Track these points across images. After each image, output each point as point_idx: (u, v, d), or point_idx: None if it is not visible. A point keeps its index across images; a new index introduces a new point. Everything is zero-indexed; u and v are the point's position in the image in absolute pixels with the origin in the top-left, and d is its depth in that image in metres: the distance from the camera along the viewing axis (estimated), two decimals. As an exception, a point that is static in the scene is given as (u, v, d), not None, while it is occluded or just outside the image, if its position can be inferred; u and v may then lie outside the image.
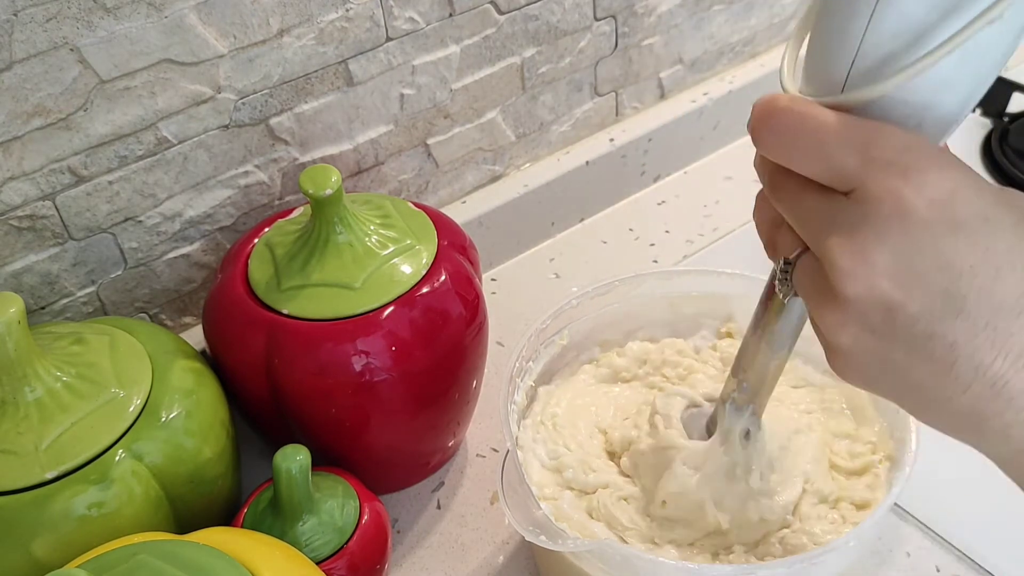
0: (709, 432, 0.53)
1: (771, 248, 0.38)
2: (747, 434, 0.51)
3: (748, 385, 0.49)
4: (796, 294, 0.36)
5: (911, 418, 0.51)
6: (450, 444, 0.65)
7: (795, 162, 0.33)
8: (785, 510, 0.52)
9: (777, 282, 0.38)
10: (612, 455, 0.57)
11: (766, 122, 0.33)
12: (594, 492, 0.55)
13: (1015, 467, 0.32)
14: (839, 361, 0.34)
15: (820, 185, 0.33)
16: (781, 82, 0.37)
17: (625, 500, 0.54)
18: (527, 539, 0.48)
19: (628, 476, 0.55)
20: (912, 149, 0.31)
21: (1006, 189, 0.32)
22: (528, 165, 0.83)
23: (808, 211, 0.33)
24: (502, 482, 0.51)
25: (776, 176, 0.35)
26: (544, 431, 0.58)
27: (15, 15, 0.52)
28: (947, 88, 0.33)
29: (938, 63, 0.31)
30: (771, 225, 0.37)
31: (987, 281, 0.30)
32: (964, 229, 0.30)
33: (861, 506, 0.53)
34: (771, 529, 0.52)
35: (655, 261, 0.82)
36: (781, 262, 0.37)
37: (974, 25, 0.30)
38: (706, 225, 0.85)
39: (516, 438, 0.55)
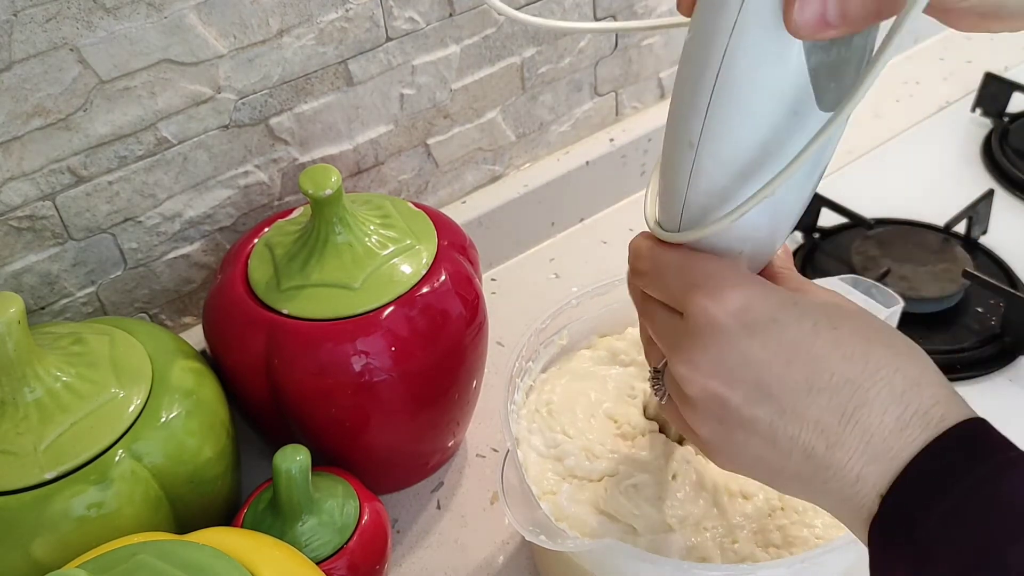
0: None
1: (647, 354, 0.46)
2: None
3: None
4: (668, 396, 0.43)
5: None
6: (450, 444, 0.65)
7: (648, 289, 0.43)
8: None
9: (652, 388, 0.46)
10: (623, 437, 0.57)
11: (631, 261, 0.44)
12: (599, 480, 0.54)
13: (843, 519, 0.38)
14: (706, 449, 0.41)
15: (668, 307, 0.42)
16: (644, 210, 0.46)
17: (635, 487, 0.54)
18: (527, 539, 0.48)
19: (638, 460, 0.55)
20: (715, 274, 0.39)
21: (795, 292, 0.40)
22: (528, 165, 0.83)
23: (660, 326, 0.42)
24: (502, 482, 0.51)
25: (640, 298, 0.44)
26: (540, 419, 0.57)
27: (15, 15, 0.52)
28: (756, 228, 0.41)
29: (746, 214, 0.38)
30: (646, 339, 0.46)
31: (781, 369, 0.37)
32: (758, 330, 0.37)
33: None
34: None
35: (655, 261, 0.82)
36: (652, 371, 0.46)
37: (755, 198, 0.38)
38: (706, 225, 0.85)
39: (516, 438, 0.55)
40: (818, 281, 0.59)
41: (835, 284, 0.57)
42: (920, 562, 0.34)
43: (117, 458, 0.48)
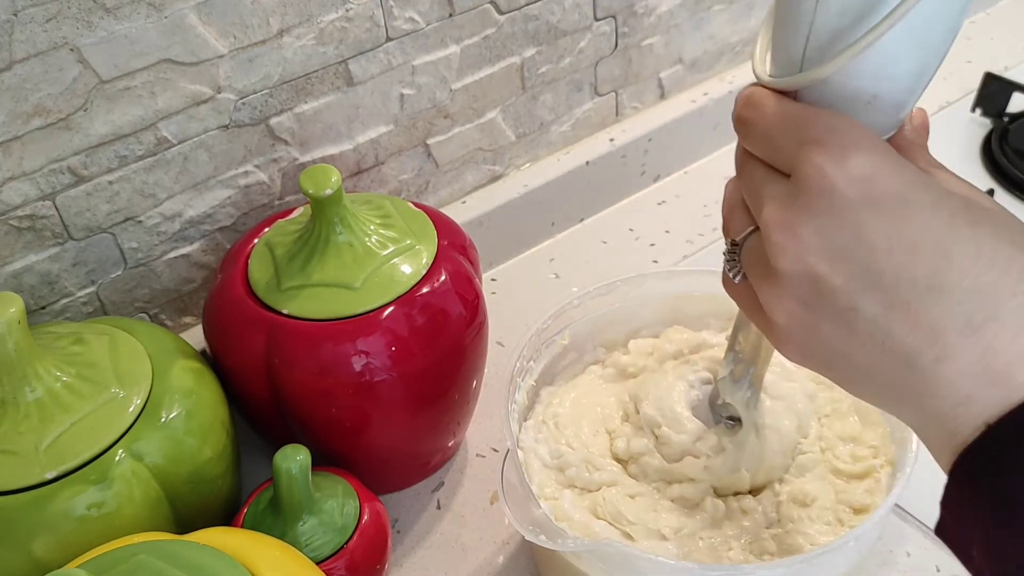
0: (713, 410, 0.55)
1: (727, 225, 0.40)
2: (747, 404, 0.53)
3: (743, 355, 0.50)
4: (743, 274, 0.38)
5: None
6: (450, 444, 0.65)
7: (750, 145, 0.36)
8: (783, 454, 0.54)
9: (725, 262, 0.39)
10: (619, 459, 0.57)
11: (735, 113, 0.37)
12: (598, 490, 0.55)
13: (928, 438, 0.33)
14: (778, 336, 0.36)
15: (771, 167, 0.35)
16: (753, 66, 0.39)
17: (631, 498, 0.54)
18: (527, 539, 0.48)
19: (636, 479, 0.55)
20: (838, 130, 0.33)
21: (926, 172, 0.34)
22: (528, 165, 0.83)
23: (757, 186, 0.36)
24: (502, 481, 0.51)
25: (741, 157, 0.38)
26: (546, 430, 0.58)
27: (15, 15, 0.52)
28: (897, 61, 0.34)
29: (883, 36, 0.32)
30: (730, 207, 0.39)
31: (902, 258, 0.31)
32: (883, 207, 0.31)
33: (859, 510, 0.53)
34: (773, 477, 0.54)
35: (655, 261, 0.82)
36: (729, 242, 0.39)
37: (902, 6, 0.31)
38: (706, 225, 0.85)
39: (517, 438, 0.55)
40: None
41: None
42: (1005, 511, 0.30)
43: (117, 458, 0.48)
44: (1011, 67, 0.99)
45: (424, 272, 0.57)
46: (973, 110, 0.93)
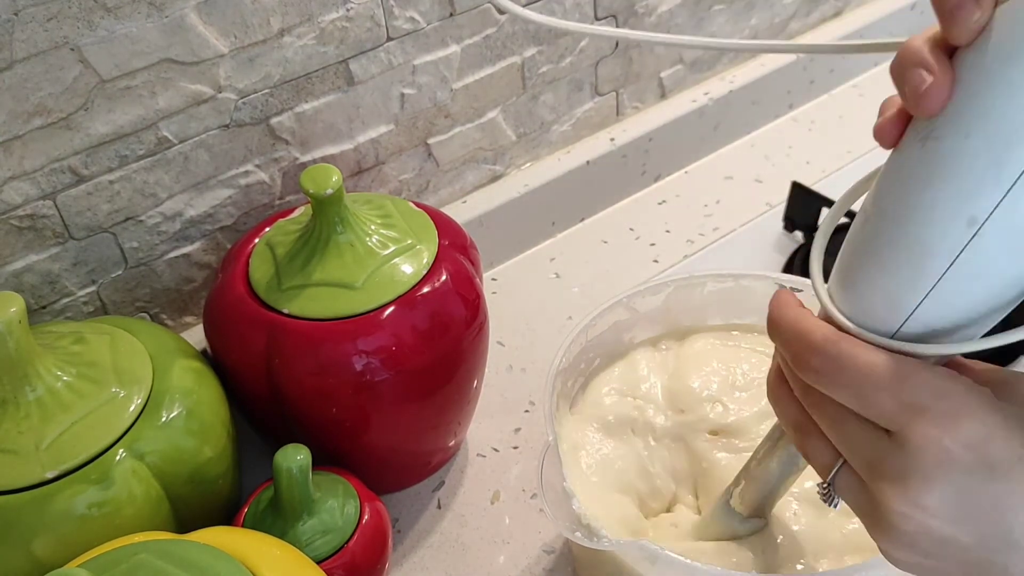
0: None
1: (801, 450, 0.39)
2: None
3: (746, 496, 0.49)
4: (839, 499, 0.38)
5: None
6: (451, 444, 0.65)
7: (832, 392, 0.35)
8: None
9: (820, 491, 0.39)
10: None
11: (806, 356, 0.36)
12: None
13: None
14: (898, 566, 0.36)
15: (861, 417, 0.35)
16: (815, 290, 0.38)
17: (675, 526, 0.54)
18: (564, 535, 0.47)
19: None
20: (946, 395, 0.33)
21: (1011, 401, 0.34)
22: (529, 165, 0.83)
23: (851, 440, 0.36)
24: (541, 477, 0.51)
25: (812, 394, 0.37)
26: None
27: (16, 14, 0.52)
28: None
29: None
30: (797, 429, 0.39)
31: None
32: (1002, 470, 0.32)
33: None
34: None
35: (655, 261, 0.82)
36: (821, 485, 0.38)
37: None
38: (707, 225, 0.85)
39: (557, 434, 0.54)
40: None
41: None
42: None
43: (118, 457, 0.48)
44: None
45: (425, 272, 0.57)
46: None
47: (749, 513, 0.50)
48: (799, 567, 0.51)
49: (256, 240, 0.60)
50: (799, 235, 0.81)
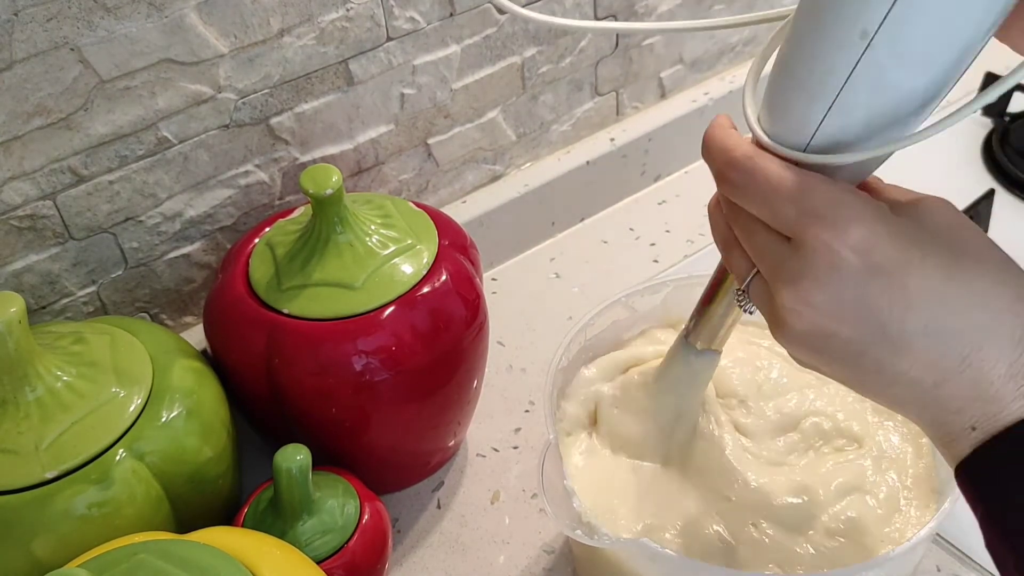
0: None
1: (726, 262, 0.44)
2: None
3: (700, 332, 0.52)
4: (752, 305, 0.42)
5: None
6: (450, 444, 0.65)
7: (744, 203, 0.40)
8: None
9: (736, 294, 0.44)
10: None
11: (725, 171, 0.40)
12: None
13: (931, 437, 0.39)
14: (792, 354, 0.41)
15: (769, 227, 0.39)
16: (744, 110, 0.41)
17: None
18: (565, 534, 0.47)
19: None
20: (841, 205, 0.37)
21: (913, 223, 0.38)
22: (528, 165, 0.83)
23: (759, 247, 0.40)
24: (541, 475, 0.51)
25: (731, 207, 0.42)
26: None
27: (16, 15, 0.52)
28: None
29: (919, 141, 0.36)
30: (724, 242, 0.44)
31: (902, 312, 0.36)
32: (882, 272, 0.36)
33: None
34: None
35: (656, 261, 0.82)
36: (737, 290, 0.43)
37: (957, 115, 0.34)
38: (706, 225, 0.85)
39: (557, 432, 0.54)
40: None
41: None
42: (993, 514, 0.35)
43: (118, 457, 0.48)
44: (1011, 67, 0.99)
45: (425, 272, 0.57)
46: (975, 111, 0.93)
47: (703, 345, 0.52)
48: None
49: (256, 240, 0.60)
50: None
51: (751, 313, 0.43)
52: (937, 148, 0.92)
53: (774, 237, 0.39)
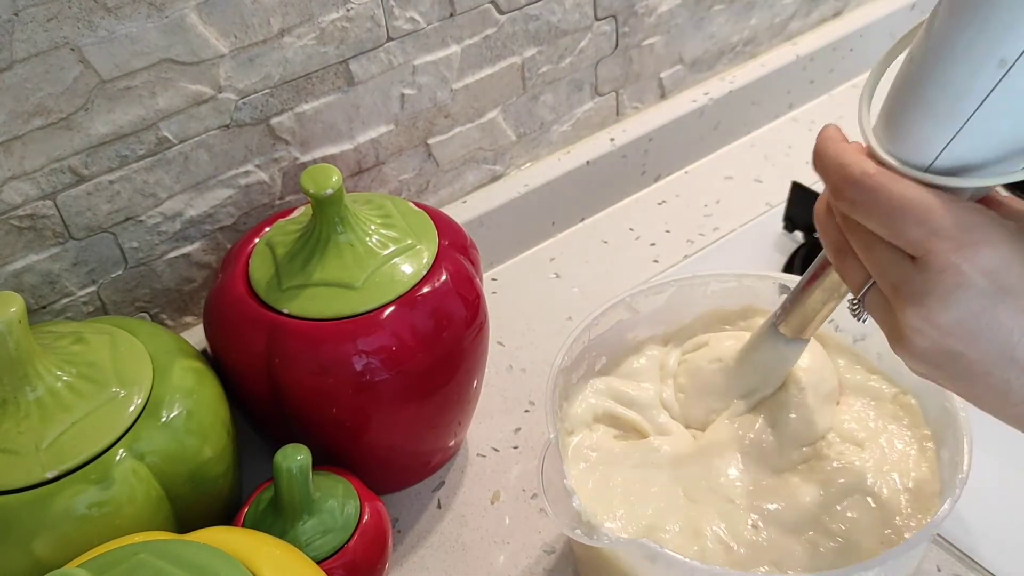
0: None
1: (839, 269, 0.43)
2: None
3: (791, 320, 0.53)
4: (867, 315, 0.42)
5: (964, 451, 0.51)
6: (451, 444, 0.65)
7: (865, 220, 0.39)
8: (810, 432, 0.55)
9: (850, 305, 0.43)
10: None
11: (844, 188, 0.39)
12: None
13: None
14: (909, 363, 0.40)
15: (891, 244, 0.38)
16: (860, 122, 0.40)
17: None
18: (564, 533, 0.47)
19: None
20: (969, 226, 0.36)
21: None
22: (529, 165, 0.83)
23: (879, 263, 0.39)
24: (541, 474, 0.51)
25: (848, 221, 0.40)
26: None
27: (16, 15, 0.52)
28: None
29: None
30: (837, 250, 0.43)
31: None
32: (1011, 294, 0.36)
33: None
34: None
35: (655, 261, 0.82)
36: (850, 302, 0.43)
37: None
38: (706, 225, 0.85)
39: (559, 431, 0.54)
40: None
41: None
42: None
43: (118, 457, 0.48)
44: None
45: (425, 272, 0.57)
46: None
47: (792, 335, 0.53)
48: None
49: (256, 240, 0.60)
50: (799, 235, 0.81)
51: (863, 322, 0.43)
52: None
53: (896, 255, 0.38)
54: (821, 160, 0.41)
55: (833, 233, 0.43)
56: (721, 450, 0.56)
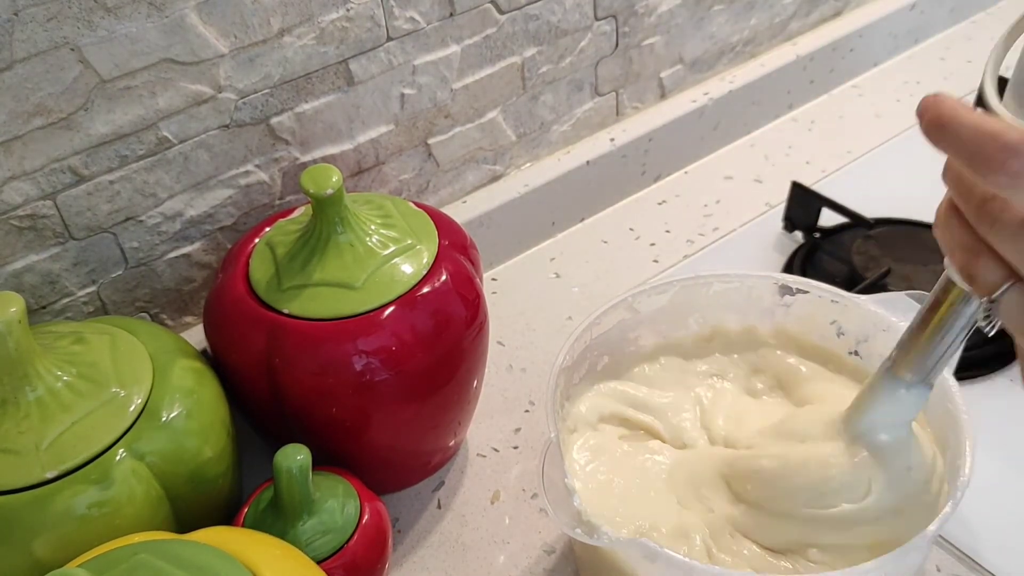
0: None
1: (967, 275, 0.36)
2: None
3: (912, 360, 0.47)
4: (998, 321, 0.35)
5: (966, 447, 0.49)
6: (451, 444, 0.65)
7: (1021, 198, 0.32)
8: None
9: (981, 318, 0.37)
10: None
11: (1004, 158, 0.31)
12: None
13: None
14: None
15: None
16: (987, 99, 0.35)
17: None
18: (564, 533, 0.47)
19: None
20: None
21: None
22: (529, 165, 0.83)
23: None
24: (542, 474, 0.51)
25: (990, 207, 0.34)
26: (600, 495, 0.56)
27: (16, 15, 0.52)
28: None
29: None
30: (965, 250, 0.36)
31: None
32: None
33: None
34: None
35: (655, 261, 0.82)
36: (986, 301, 0.35)
37: None
38: (706, 225, 0.85)
39: (559, 432, 0.54)
40: (877, 297, 0.58)
41: (902, 300, 0.57)
42: None
43: (118, 457, 0.48)
44: (1012, 67, 0.98)
45: (425, 272, 0.57)
46: (974, 109, 0.91)
47: (914, 378, 0.47)
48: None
49: (256, 240, 0.60)
50: (799, 235, 0.81)
51: (990, 333, 0.37)
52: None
53: None
54: (954, 130, 0.32)
55: (959, 232, 0.36)
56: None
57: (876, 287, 0.71)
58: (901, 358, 0.47)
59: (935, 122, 0.33)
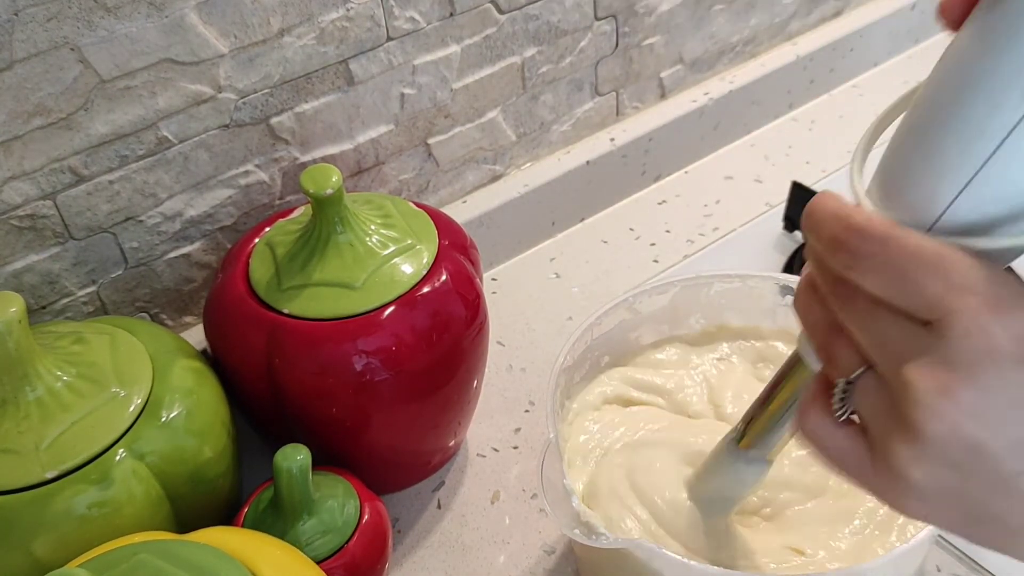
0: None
1: (824, 355, 0.35)
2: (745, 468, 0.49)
3: (755, 432, 0.47)
4: (853, 412, 0.34)
5: None
6: (451, 444, 0.65)
7: (871, 282, 0.31)
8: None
9: (835, 400, 0.34)
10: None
11: (846, 238, 0.32)
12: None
13: None
14: (902, 494, 0.32)
15: (895, 307, 0.31)
16: (852, 184, 0.35)
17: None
18: (563, 533, 0.47)
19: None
20: (1001, 282, 0.30)
21: None
22: (529, 165, 0.83)
23: (883, 335, 0.32)
24: (541, 474, 0.51)
25: (842, 288, 0.33)
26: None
27: (16, 15, 0.52)
28: None
29: None
30: (825, 329, 0.35)
31: None
32: None
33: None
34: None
35: (655, 261, 0.82)
36: (842, 382, 0.34)
37: None
38: (707, 225, 0.85)
39: (558, 433, 0.54)
40: None
41: None
42: None
43: (118, 457, 0.48)
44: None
45: (425, 272, 0.57)
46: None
47: (756, 453, 0.47)
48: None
49: (256, 240, 0.60)
50: (799, 235, 0.81)
51: (842, 417, 0.34)
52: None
53: (903, 322, 0.31)
54: (817, 214, 0.33)
55: (817, 311, 0.35)
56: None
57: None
58: (747, 431, 0.47)
59: (806, 210, 0.34)
